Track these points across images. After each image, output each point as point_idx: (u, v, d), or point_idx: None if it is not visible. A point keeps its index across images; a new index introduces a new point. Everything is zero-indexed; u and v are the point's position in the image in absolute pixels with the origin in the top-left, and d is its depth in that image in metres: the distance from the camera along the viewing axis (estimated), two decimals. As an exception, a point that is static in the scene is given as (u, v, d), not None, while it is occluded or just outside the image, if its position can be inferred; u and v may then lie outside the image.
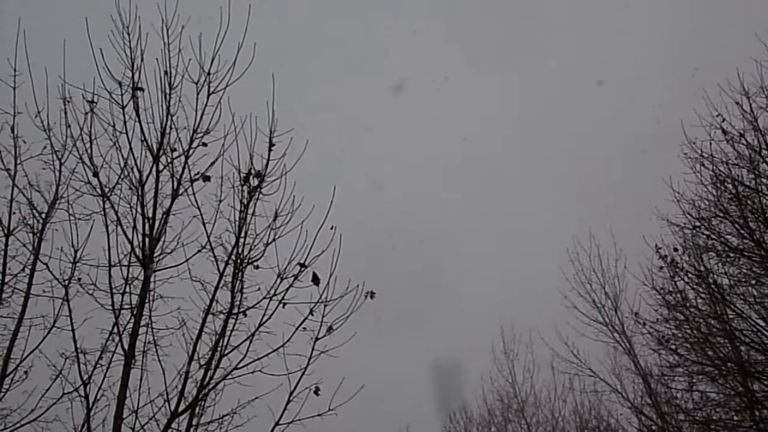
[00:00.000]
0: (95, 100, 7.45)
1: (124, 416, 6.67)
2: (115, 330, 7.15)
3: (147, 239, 7.31)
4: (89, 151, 7.42)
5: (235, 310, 7.18)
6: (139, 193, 7.36)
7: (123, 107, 7.48)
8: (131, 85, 7.51)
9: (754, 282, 11.52)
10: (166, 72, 7.59)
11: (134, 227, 7.29)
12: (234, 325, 7.15)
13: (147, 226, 7.34)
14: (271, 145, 7.48)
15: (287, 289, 7.22)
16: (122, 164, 7.40)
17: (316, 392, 6.99)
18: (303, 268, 7.19)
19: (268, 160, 7.48)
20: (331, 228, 7.05)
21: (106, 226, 7.29)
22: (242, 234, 7.33)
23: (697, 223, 11.95)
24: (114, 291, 7.15)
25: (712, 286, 11.76)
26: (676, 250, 12.49)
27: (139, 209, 7.33)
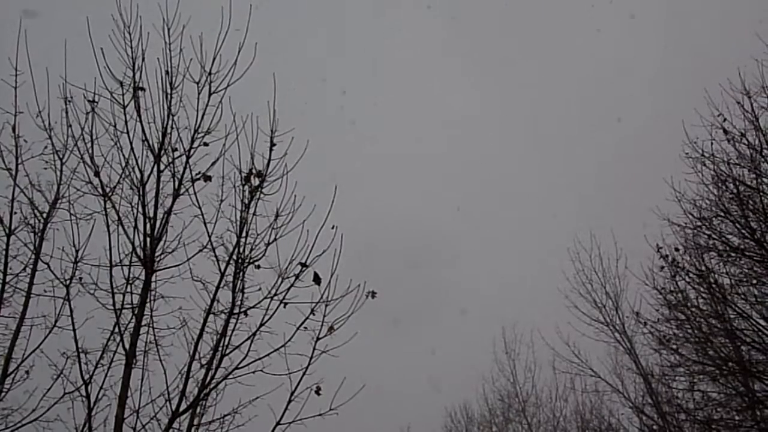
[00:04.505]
0: (96, 100, 7.44)
1: (125, 416, 6.67)
2: (117, 330, 7.15)
3: (148, 239, 7.30)
4: (90, 151, 7.42)
5: (237, 310, 7.18)
6: (141, 192, 7.36)
7: (124, 107, 7.48)
8: (132, 85, 7.51)
9: (755, 282, 11.52)
10: (167, 72, 7.59)
11: (135, 227, 7.29)
12: (235, 325, 7.15)
13: (148, 225, 7.33)
14: (273, 144, 7.48)
15: (288, 288, 7.21)
16: (123, 164, 7.40)
17: (317, 392, 6.98)
18: (304, 268, 7.18)
19: (269, 160, 7.49)
20: (333, 228, 7.05)
21: (108, 226, 7.29)
22: (243, 234, 7.33)
23: (699, 223, 11.94)
24: (115, 291, 7.15)
25: (713, 285, 11.74)
26: (677, 249, 12.48)
27: (140, 209, 7.32)
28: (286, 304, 7.21)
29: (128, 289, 7.23)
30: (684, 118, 11.91)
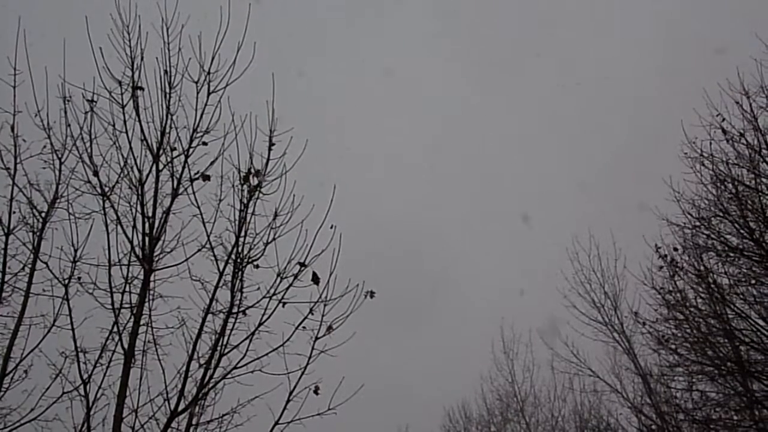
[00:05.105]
0: (95, 100, 7.45)
1: (123, 415, 6.67)
2: (115, 329, 7.16)
3: (147, 238, 7.31)
4: (89, 150, 7.43)
5: (235, 310, 7.18)
6: (139, 192, 7.36)
7: (123, 106, 7.48)
8: (131, 85, 7.51)
9: (753, 282, 11.52)
10: (166, 71, 7.59)
11: (134, 226, 7.29)
12: (234, 325, 7.15)
13: (147, 225, 7.34)
14: (271, 144, 7.47)
15: (287, 288, 7.22)
16: (122, 163, 7.41)
17: (316, 391, 6.99)
18: (303, 268, 7.19)
19: (267, 160, 7.48)
20: (331, 227, 7.05)
21: (106, 226, 7.30)
22: (242, 233, 7.33)
23: (697, 223, 11.96)
24: (114, 290, 7.16)
25: (712, 285, 11.75)
26: (675, 249, 12.50)
27: (139, 208, 7.33)
28: (284, 303, 7.22)
29: (127, 289, 7.24)
30: (683, 118, 11.93)
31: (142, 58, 7.56)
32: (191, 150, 7.58)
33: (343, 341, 7.12)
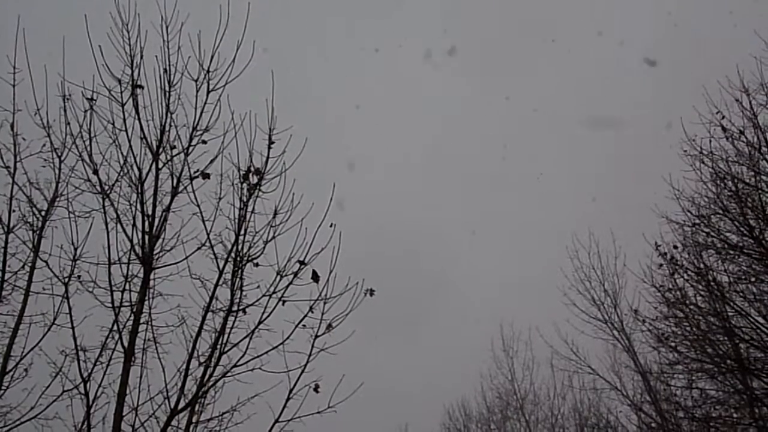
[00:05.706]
0: (95, 98, 7.45)
1: (124, 413, 6.67)
2: (115, 327, 7.15)
3: (147, 237, 7.30)
4: (89, 149, 7.43)
5: (235, 308, 7.18)
6: (139, 190, 7.36)
7: (122, 105, 7.48)
8: (131, 83, 7.51)
9: (753, 279, 11.54)
10: (165, 69, 7.59)
11: (134, 225, 7.29)
12: (234, 323, 7.15)
13: (147, 223, 7.33)
14: (271, 142, 7.47)
15: (287, 286, 7.21)
16: (122, 162, 7.41)
17: (316, 390, 6.98)
18: (302, 266, 7.18)
19: (267, 158, 7.48)
20: (331, 225, 7.05)
21: (106, 224, 7.29)
22: (242, 231, 7.33)
23: (697, 221, 11.96)
24: (114, 288, 7.15)
25: (712, 283, 11.76)
26: (675, 247, 12.51)
27: (138, 207, 7.33)
28: (284, 301, 7.22)
29: (127, 287, 7.23)
30: (683, 115, 11.93)
31: (141, 57, 7.57)
32: (191, 148, 7.58)
33: (343, 339, 7.12)
